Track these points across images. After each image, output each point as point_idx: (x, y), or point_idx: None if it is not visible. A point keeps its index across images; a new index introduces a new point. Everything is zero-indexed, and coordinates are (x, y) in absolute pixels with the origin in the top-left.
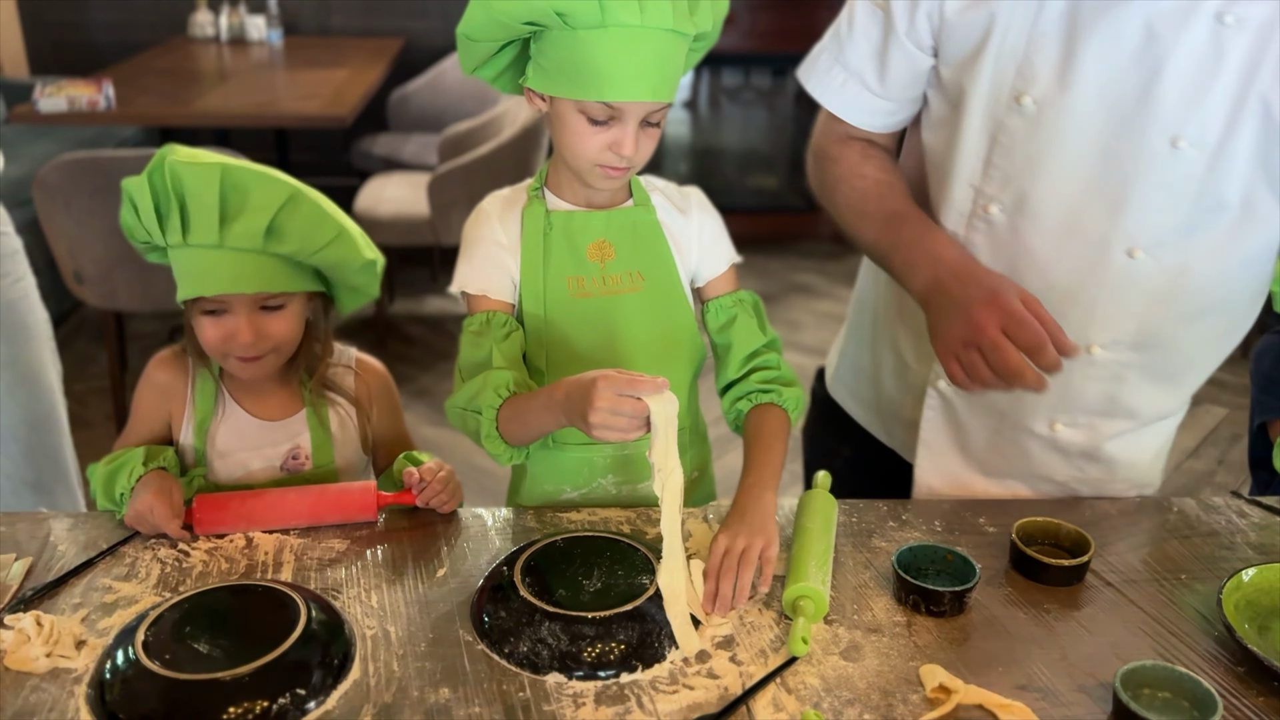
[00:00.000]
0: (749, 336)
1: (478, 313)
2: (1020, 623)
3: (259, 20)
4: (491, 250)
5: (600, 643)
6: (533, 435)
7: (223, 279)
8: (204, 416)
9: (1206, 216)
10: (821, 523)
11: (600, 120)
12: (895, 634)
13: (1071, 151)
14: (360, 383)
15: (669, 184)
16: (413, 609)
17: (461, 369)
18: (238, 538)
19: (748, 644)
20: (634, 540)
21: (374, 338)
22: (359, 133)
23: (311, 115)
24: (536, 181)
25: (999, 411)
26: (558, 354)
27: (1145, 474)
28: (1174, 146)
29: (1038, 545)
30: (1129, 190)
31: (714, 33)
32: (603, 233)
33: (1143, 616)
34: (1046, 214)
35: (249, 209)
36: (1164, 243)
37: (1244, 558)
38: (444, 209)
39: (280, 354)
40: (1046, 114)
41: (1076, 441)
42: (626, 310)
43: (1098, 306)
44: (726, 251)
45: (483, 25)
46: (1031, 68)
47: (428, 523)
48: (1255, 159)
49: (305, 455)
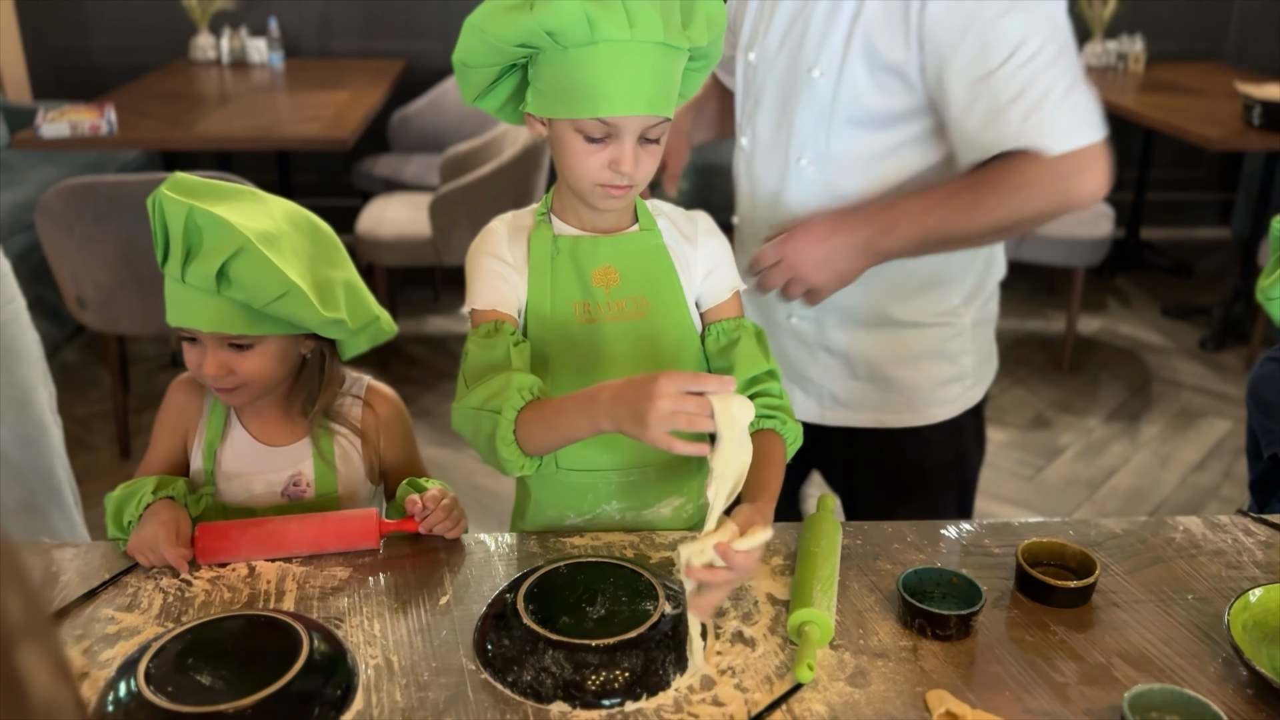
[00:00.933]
0: (751, 361)
1: (486, 322)
2: (1027, 646)
3: (260, 43)
4: (499, 268)
5: (604, 671)
6: (557, 442)
7: (184, 312)
8: (213, 437)
9: (844, 130)
10: (826, 546)
11: (598, 138)
12: (901, 659)
13: (768, 90)
14: (369, 412)
15: (675, 208)
16: (416, 638)
17: (467, 373)
18: (240, 567)
19: (753, 670)
20: (638, 565)
21: (376, 358)
22: (360, 154)
23: (313, 138)
24: (543, 206)
25: (757, 305)
26: (562, 379)
27: (912, 393)
28: (810, 75)
29: (1043, 566)
30: (794, 114)
31: (713, 50)
32: (609, 258)
33: (1150, 638)
34: (759, 138)
35: (203, 253)
36: (820, 153)
37: (1251, 577)
38: (445, 229)
39: (252, 389)
40: (757, 63)
41: (808, 332)
42: (632, 336)
43: (793, 211)
44: (731, 278)
45: (476, 50)
46: (746, 29)
47: (430, 549)
48: (866, 79)
49: (307, 483)
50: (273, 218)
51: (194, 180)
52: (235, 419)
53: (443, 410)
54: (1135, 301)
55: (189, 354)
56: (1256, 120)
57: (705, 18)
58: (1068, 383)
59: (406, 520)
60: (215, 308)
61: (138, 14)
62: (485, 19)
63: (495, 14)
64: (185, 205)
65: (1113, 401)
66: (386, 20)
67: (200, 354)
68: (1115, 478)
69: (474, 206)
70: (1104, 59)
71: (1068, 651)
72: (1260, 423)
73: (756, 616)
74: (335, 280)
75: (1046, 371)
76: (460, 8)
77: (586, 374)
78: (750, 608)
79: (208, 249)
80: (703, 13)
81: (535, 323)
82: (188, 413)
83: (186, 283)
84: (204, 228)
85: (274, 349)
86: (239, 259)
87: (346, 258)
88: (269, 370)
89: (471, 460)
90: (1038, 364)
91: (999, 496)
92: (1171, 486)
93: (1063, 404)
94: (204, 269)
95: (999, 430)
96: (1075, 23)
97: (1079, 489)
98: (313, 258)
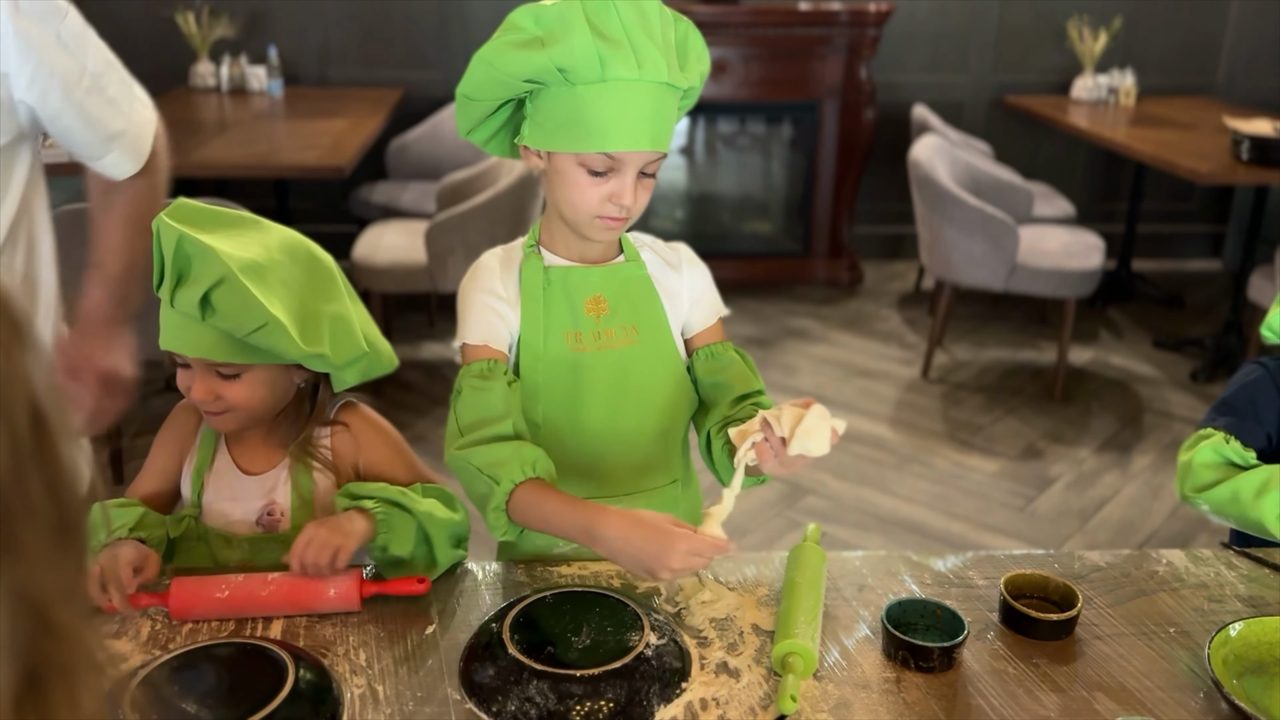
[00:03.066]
0: (743, 382)
1: (479, 359)
2: (1009, 678)
3: (260, 71)
4: (492, 302)
5: (589, 701)
6: (542, 530)
7: (173, 337)
8: (202, 461)
9: None
10: (811, 577)
11: (600, 172)
12: (885, 690)
13: None
14: (341, 434)
15: (656, 240)
16: (401, 667)
17: (460, 416)
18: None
19: (737, 701)
20: (624, 596)
21: (370, 385)
22: (358, 180)
23: (310, 166)
24: (531, 238)
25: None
26: (552, 407)
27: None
28: None
29: (1027, 599)
30: None
31: (699, 87)
32: (599, 288)
33: (1132, 671)
34: None
35: (189, 280)
36: None
37: (1233, 610)
38: (441, 256)
39: (239, 416)
40: None
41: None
42: (623, 364)
43: None
44: (715, 305)
45: (483, 85)
46: None
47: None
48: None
49: (281, 513)
50: (266, 248)
51: (196, 207)
52: (223, 444)
53: (436, 437)
54: (1127, 333)
55: (181, 377)
56: (1245, 155)
57: (695, 58)
58: (1059, 413)
59: (395, 582)
60: (201, 335)
61: (138, 41)
62: (495, 54)
63: (505, 49)
64: (177, 231)
65: (1104, 432)
66: (385, 50)
67: (190, 378)
68: (1106, 508)
69: (469, 234)
70: (1095, 93)
71: (1050, 684)
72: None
73: (741, 647)
74: (324, 314)
75: (1038, 402)
76: (458, 39)
77: (576, 401)
78: (735, 638)
79: (194, 276)
80: (693, 54)
81: (527, 353)
82: (185, 434)
83: (175, 308)
84: (192, 255)
85: (262, 378)
86: (221, 288)
87: (343, 291)
88: (257, 398)
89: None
90: (1029, 394)
91: (990, 527)
92: (1162, 518)
93: (1054, 434)
94: (189, 295)
95: (990, 460)
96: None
97: (1070, 520)
98: (304, 289)
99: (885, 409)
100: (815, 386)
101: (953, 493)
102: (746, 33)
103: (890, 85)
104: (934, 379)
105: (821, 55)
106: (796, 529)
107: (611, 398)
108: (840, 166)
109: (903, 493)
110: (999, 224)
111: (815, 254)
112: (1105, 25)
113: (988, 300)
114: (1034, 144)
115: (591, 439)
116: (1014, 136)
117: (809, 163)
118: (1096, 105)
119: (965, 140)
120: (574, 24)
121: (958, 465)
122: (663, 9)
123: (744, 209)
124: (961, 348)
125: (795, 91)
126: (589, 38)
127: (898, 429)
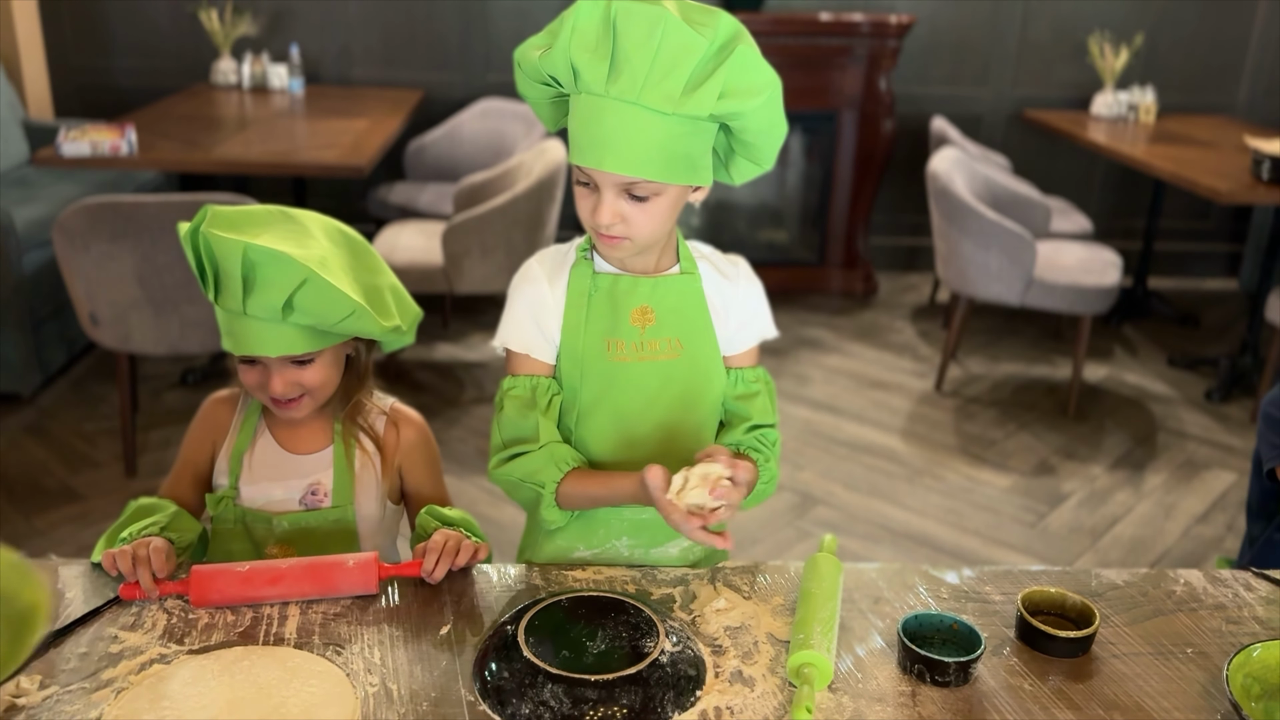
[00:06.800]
0: (763, 415)
1: (523, 376)
2: (1025, 695)
3: (281, 69)
4: (536, 309)
5: (603, 706)
6: (596, 507)
7: (249, 342)
8: (242, 444)
9: None
10: (827, 588)
11: (584, 183)
12: (900, 704)
13: None
14: (392, 431)
15: (715, 251)
16: (415, 666)
17: (504, 433)
18: None
19: (751, 711)
20: (639, 601)
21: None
22: (376, 180)
23: (330, 165)
24: (586, 242)
25: None
26: (591, 416)
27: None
28: None
29: (1043, 615)
30: None
31: (739, 122)
32: (647, 298)
33: (1149, 690)
34: None
35: (262, 285)
36: None
37: (1251, 632)
38: (457, 258)
39: (316, 397)
40: None
41: None
42: (662, 377)
43: None
44: (762, 329)
45: (521, 80)
46: None
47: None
48: None
49: (325, 492)
50: (316, 239)
51: (230, 212)
52: (264, 426)
53: (450, 437)
54: (1142, 351)
55: (247, 375)
56: (1265, 175)
57: (720, 87)
58: (1073, 429)
59: (408, 564)
60: (282, 334)
61: (161, 37)
62: (520, 54)
63: (526, 51)
64: (240, 243)
65: (1117, 450)
66: (407, 51)
67: (261, 374)
68: (1118, 526)
69: (486, 236)
70: (1115, 109)
71: (1066, 701)
72: (1266, 437)
73: (756, 656)
74: (382, 287)
75: (1051, 418)
76: (479, 42)
77: (616, 412)
78: (750, 647)
79: (269, 282)
80: (717, 82)
81: (567, 357)
82: (218, 427)
83: (250, 314)
84: (259, 263)
85: (331, 356)
86: (305, 289)
87: (381, 260)
88: (329, 377)
89: (475, 488)
90: (1043, 410)
91: (1001, 542)
92: (1174, 537)
93: (1067, 451)
94: (268, 301)
95: (1003, 475)
96: (1087, 72)
97: (1082, 537)
98: (356, 270)
99: (898, 421)
100: (828, 397)
101: (964, 507)
102: (767, 41)
103: (909, 97)
104: (947, 392)
105: (841, 65)
106: (806, 539)
107: (650, 410)
108: (857, 177)
109: (914, 505)
110: (1016, 238)
111: (830, 264)
112: (1126, 42)
113: (1002, 314)
114: (1053, 159)
115: (622, 447)
116: (1033, 151)
117: (826, 172)
118: (1116, 122)
119: (984, 153)
120: (566, 31)
121: (969, 479)
122: (692, 36)
123: (759, 217)
124: (975, 361)
125: (814, 101)
126: (567, 47)
127: (910, 441)
